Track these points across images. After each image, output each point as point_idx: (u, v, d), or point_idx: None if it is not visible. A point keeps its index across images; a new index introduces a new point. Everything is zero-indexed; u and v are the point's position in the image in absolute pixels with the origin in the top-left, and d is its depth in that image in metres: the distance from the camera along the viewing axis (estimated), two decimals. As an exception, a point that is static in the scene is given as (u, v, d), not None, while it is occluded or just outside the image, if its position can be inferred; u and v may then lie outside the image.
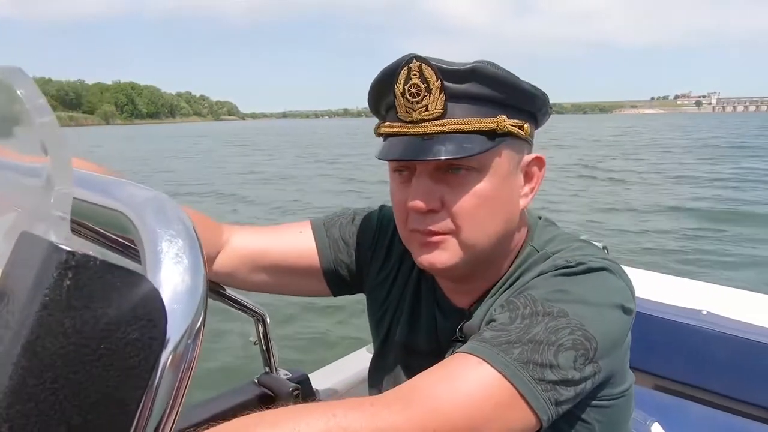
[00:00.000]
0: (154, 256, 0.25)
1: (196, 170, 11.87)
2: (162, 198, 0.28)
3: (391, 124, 0.65)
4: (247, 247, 0.81)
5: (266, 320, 1.04)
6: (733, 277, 5.06)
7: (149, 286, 0.20)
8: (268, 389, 1.03)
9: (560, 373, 0.53)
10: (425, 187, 0.62)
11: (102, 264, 0.18)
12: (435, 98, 0.60)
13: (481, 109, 0.61)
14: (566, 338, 0.54)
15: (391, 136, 0.66)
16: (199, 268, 0.26)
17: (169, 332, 0.22)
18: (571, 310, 0.56)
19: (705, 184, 11.51)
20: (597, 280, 0.60)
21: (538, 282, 0.61)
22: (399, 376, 0.78)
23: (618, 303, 0.60)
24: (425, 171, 0.63)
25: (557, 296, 0.58)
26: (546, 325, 0.55)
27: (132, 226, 0.27)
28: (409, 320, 0.78)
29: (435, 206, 0.62)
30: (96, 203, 0.29)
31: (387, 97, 0.65)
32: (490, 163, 0.62)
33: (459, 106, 0.61)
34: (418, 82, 0.60)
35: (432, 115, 0.61)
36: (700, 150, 21.90)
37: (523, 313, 0.57)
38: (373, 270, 0.83)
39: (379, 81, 0.65)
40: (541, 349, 0.53)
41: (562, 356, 0.53)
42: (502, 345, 0.54)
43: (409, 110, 0.62)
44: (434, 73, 0.60)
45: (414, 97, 0.61)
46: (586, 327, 0.55)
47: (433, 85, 0.60)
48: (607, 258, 0.64)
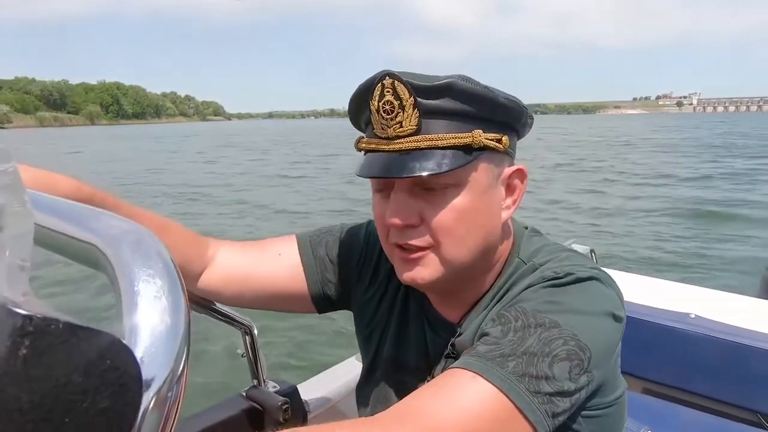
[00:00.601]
0: (130, 295, 0.23)
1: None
2: (139, 230, 0.26)
3: (369, 140, 0.65)
4: (233, 265, 0.80)
5: (254, 332, 1.02)
6: (714, 275, 5.16)
7: (120, 345, 0.18)
8: (256, 403, 1.01)
9: (556, 384, 0.53)
10: (403, 203, 0.62)
11: (65, 326, 0.16)
12: (408, 115, 0.60)
13: (455, 124, 0.61)
14: (560, 349, 0.54)
15: (369, 152, 0.65)
16: (180, 307, 0.24)
17: (145, 392, 0.20)
18: (562, 320, 0.55)
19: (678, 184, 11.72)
20: (586, 289, 0.60)
21: (528, 294, 0.61)
22: (389, 393, 0.77)
23: (608, 311, 0.59)
24: (403, 187, 0.62)
25: (548, 307, 0.57)
26: (539, 337, 0.54)
27: (106, 260, 0.25)
28: (398, 337, 0.77)
29: (413, 222, 0.62)
30: (64, 233, 0.27)
31: (364, 113, 0.65)
32: (467, 177, 0.62)
33: (433, 121, 0.60)
34: (391, 99, 0.60)
35: (406, 131, 0.60)
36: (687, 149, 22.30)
37: (515, 326, 0.56)
38: (360, 288, 0.82)
39: (356, 97, 0.65)
40: (535, 361, 0.53)
41: (557, 367, 0.53)
42: (496, 359, 0.53)
43: (384, 127, 0.61)
44: (407, 90, 0.59)
45: (388, 114, 0.60)
46: (578, 336, 0.55)
47: (407, 101, 0.60)
48: (595, 267, 0.64)
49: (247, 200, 10.30)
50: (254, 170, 16.25)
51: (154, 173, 15.59)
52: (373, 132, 0.64)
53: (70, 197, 0.58)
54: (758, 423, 1.24)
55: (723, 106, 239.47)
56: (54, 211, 0.28)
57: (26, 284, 0.17)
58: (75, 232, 0.27)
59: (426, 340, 0.74)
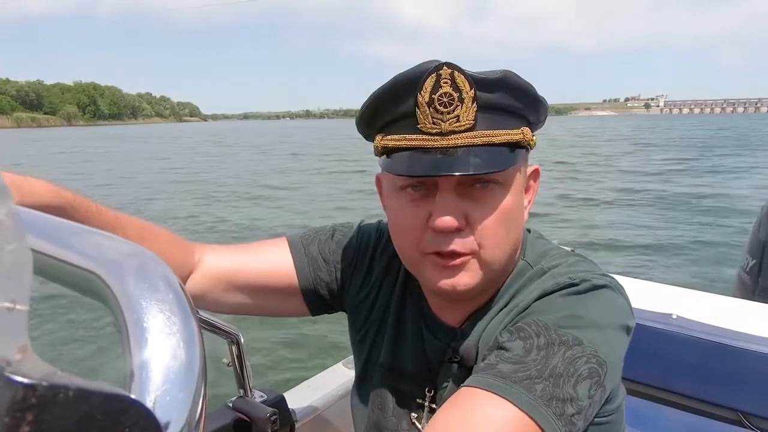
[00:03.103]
0: (138, 330, 0.21)
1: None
2: (141, 252, 0.23)
3: (408, 137, 0.59)
4: (221, 266, 0.76)
5: (240, 341, 0.98)
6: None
7: (139, 409, 0.15)
8: (243, 414, 0.98)
9: (578, 405, 0.52)
10: (451, 204, 0.58)
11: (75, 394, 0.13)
12: (467, 108, 0.56)
13: (506, 120, 0.59)
14: (583, 367, 0.53)
15: (401, 150, 0.60)
16: (194, 340, 0.21)
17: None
18: (584, 337, 0.55)
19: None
20: (603, 299, 0.59)
21: (546, 305, 0.59)
22: (385, 398, 0.74)
23: (624, 323, 0.59)
24: (449, 186, 0.59)
25: (570, 322, 0.56)
26: (563, 356, 0.53)
27: (106, 289, 0.22)
28: (393, 340, 0.75)
29: (462, 224, 0.59)
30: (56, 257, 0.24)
31: (400, 108, 0.60)
32: (513, 177, 0.61)
33: (487, 116, 0.58)
34: (450, 90, 0.56)
35: (463, 126, 0.57)
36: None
37: (538, 343, 0.54)
38: (353, 288, 0.79)
39: (393, 89, 0.59)
40: (561, 383, 0.52)
41: (581, 387, 0.52)
42: (523, 381, 0.51)
43: (437, 121, 0.57)
44: (467, 82, 0.56)
45: (445, 107, 0.56)
46: (598, 353, 0.55)
47: (467, 94, 0.56)
48: (606, 274, 0.63)
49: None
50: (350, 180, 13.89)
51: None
52: (414, 128, 0.59)
53: (49, 203, 0.54)
54: (739, 422, 1.27)
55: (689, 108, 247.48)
56: (42, 231, 0.25)
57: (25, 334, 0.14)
58: (67, 257, 0.24)
59: (424, 344, 0.72)
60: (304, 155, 23.50)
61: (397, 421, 0.73)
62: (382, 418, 0.74)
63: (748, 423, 1.25)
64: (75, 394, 0.13)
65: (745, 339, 1.25)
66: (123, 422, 0.14)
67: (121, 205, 9.59)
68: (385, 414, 0.74)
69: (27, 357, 0.13)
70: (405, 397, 0.73)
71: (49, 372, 0.13)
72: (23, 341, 0.14)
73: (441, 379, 0.70)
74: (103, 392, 0.14)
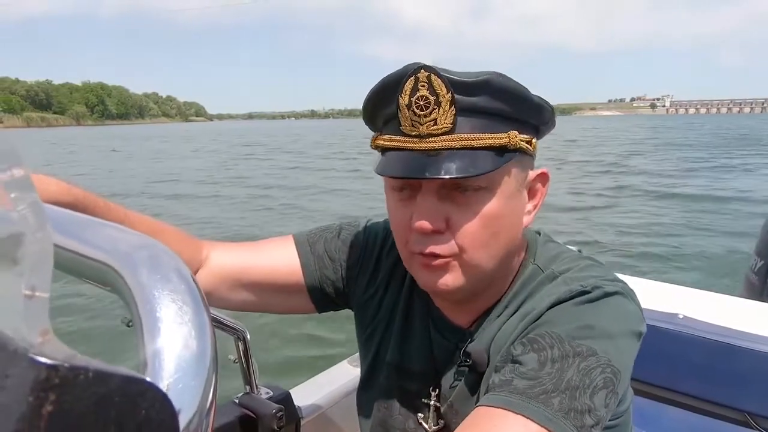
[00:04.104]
0: (151, 320, 0.21)
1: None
2: (153, 245, 0.24)
3: (392, 138, 0.60)
4: (228, 264, 0.77)
5: (246, 338, 0.99)
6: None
7: (155, 392, 0.16)
8: (249, 410, 0.98)
9: (596, 415, 0.52)
10: (430, 207, 0.59)
11: (95, 375, 0.13)
12: (444, 112, 0.56)
13: (491, 124, 0.58)
14: (598, 378, 0.53)
15: (390, 151, 0.61)
16: (205, 330, 0.22)
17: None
18: (599, 347, 0.55)
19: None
20: (615, 306, 0.59)
21: (559, 315, 0.59)
22: (391, 398, 0.74)
23: (635, 330, 0.59)
24: (431, 189, 0.59)
25: (583, 333, 0.56)
26: (578, 367, 0.53)
27: (120, 280, 0.23)
28: (401, 339, 0.75)
29: (440, 227, 0.59)
30: (71, 250, 0.24)
31: (387, 109, 0.61)
32: (499, 181, 0.59)
33: (468, 120, 0.57)
34: (426, 94, 0.56)
35: (440, 129, 0.57)
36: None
37: (552, 355, 0.54)
38: (360, 286, 0.79)
39: (380, 91, 0.60)
40: (578, 395, 0.52)
41: (597, 397, 0.53)
42: (539, 396, 0.51)
43: (416, 124, 0.57)
44: (444, 85, 0.55)
45: (422, 110, 0.56)
46: (612, 362, 0.54)
47: (443, 97, 0.56)
48: (617, 279, 0.63)
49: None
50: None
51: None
52: (399, 129, 0.59)
53: (60, 200, 0.55)
54: (745, 422, 1.26)
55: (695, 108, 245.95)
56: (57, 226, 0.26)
57: (46, 320, 0.15)
58: (83, 250, 0.24)
59: (431, 344, 0.72)
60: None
61: (403, 420, 0.73)
62: (389, 417, 0.74)
63: (755, 424, 1.24)
64: (95, 376, 0.13)
65: (752, 339, 1.25)
66: (140, 404, 0.15)
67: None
68: (391, 413, 0.74)
69: (48, 340, 0.14)
70: (411, 397, 0.73)
71: (70, 354, 0.13)
72: (45, 325, 0.14)
73: (448, 380, 0.70)
74: (121, 375, 0.14)
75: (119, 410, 0.14)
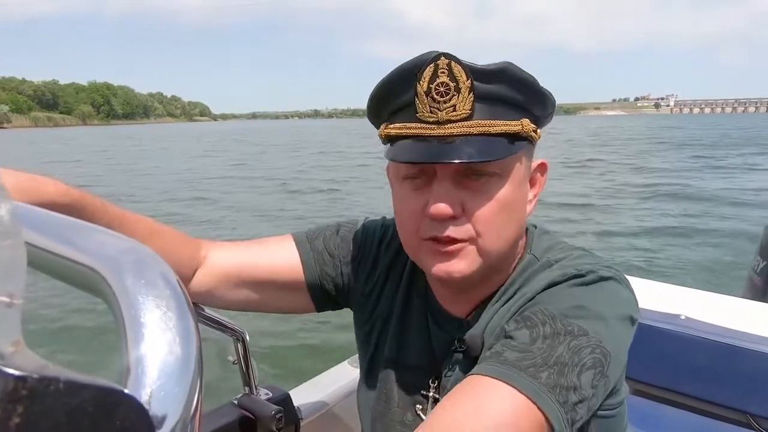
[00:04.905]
0: (135, 325, 0.21)
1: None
2: (139, 249, 0.23)
3: (406, 125, 0.61)
4: (226, 263, 0.77)
5: (245, 339, 0.99)
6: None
7: (132, 403, 0.15)
8: (248, 412, 0.98)
9: (581, 393, 0.53)
10: (447, 192, 0.59)
11: (66, 386, 0.13)
12: (464, 98, 0.57)
13: (505, 112, 0.59)
14: (588, 357, 0.54)
15: (402, 139, 0.62)
16: (190, 333, 0.22)
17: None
18: (590, 327, 0.55)
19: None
20: (608, 290, 0.60)
21: (552, 295, 0.60)
22: (391, 391, 0.75)
23: (628, 314, 0.60)
24: (446, 175, 0.60)
25: (576, 312, 0.57)
26: (568, 345, 0.54)
27: (104, 284, 0.22)
28: (399, 334, 0.75)
29: (457, 212, 0.60)
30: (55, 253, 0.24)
31: (401, 98, 0.61)
32: (511, 168, 0.61)
33: (485, 107, 0.59)
34: (447, 80, 0.57)
35: (459, 115, 0.58)
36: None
37: (544, 331, 0.55)
38: (359, 283, 0.80)
39: (394, 79, 0.61)
40: (566, 371, 0.52)
41: (584, 376, 0.53)
42: (528, 369, 0.52)
43: (434, 110, 0.58)
44: (464, 72, 0.57)
45: (441, 97, 0.57)
46: (603, 344, 0.55)
47: (463, 84, 0.57)
48: (612, 266, 0.64)
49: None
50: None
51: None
52: (414, 117, 0.60)
53: (57, 201, 0.55)
54: (747, 424, 1.25)
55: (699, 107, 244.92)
56: (41, 227, 0.25)
57: (17, 328, 0.14)
58: (67, 253, 0.24)
59: (430, 336, 0.73)
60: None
61: (402, 412, 0.73)
62: (387, 409, 0.75)
63: (757, 425, 1.24)
64: (66, 387, 0.13)
65: (754, 340, 1.24)
66: (115, 416, 0.14)
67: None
68: (389, 406, 0.74)
69: (19, 351, 0.14)
70: (410, 389, 0.73)
71: (41, 365, 0.13)
72: (16, 335, 0.14)
73: (445, 369, 0.70)
74: (95, 385, 0.14)
75: (93, 422, 0.14)
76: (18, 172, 0.54)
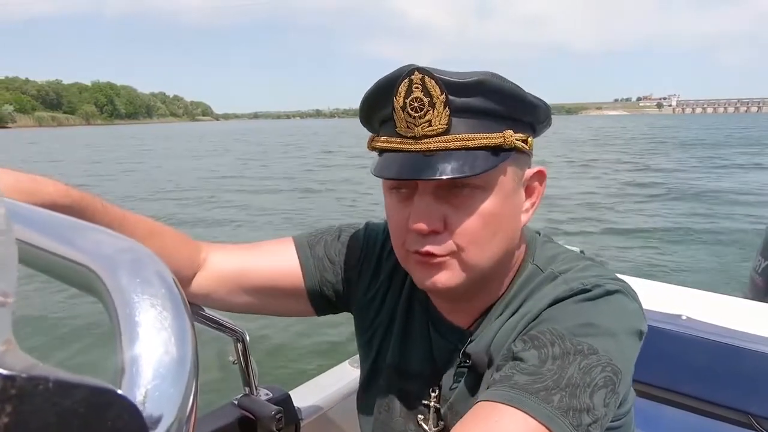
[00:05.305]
0: (130, 324, 0.21)
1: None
2: (136, 248, 0.23)
3: (388, 139, 0.61)
4: (227, 266, 0.77)
5: (245, 339, 0.99)
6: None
7: (124, 403, 0.15)
8: (248, 412, 0.98)
9: (594, 414, 0.52)
10: (427, 207, 0.59)
11: (56, 386, 0.13)
12: (439, 113, 0.56)
13: (486, 124, 0.58)
14: (599, 377, 0.53)
15: (387, 152, 0.61)
16: (186, 336, 0.21)
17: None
18: (600, 345, 0.54)
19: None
20: (616, 304, 0.59)
21: (559, 312, 0.59)
22: (392, 400, 0.74)
23: (636, 329, 0.59)
24: (427, 190, 0.59)
25: (584, 330, 0.56)
26: (579, 365, 0.53)
27: (100, 284, 0.22)
28: (401, 341, 0.75)
29: (437, 227, 0.59)
30: (50, 251, 0.24)
31: (382, 111, 0.61)
32: (496, 180, 0.59)
33: (463, 120, 0.57)
34: (420, 95, 0.56)
35: (435, 130, 0.57)
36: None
37: (553, 352, 0.54)
38: (360, 289, 0.79)
39: (375, 93, 0.61)
40: (578, 393, 0.52)
41: (596, 396, 0.52)
42: (540, 393, 0.51)
43: (411, 125, 0.58)
44: (438, 87, 0.56)
45: (416, 112, 0.57)
46: (613, 361, 0.54)
47: (437, 99, 0.56)
48: (617, 278, 0.63)
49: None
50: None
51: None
52: (394, 131, 0.60)
53: (57, 202, 0.55)
54: (749, 424, 1.25)
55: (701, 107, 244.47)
56: (37, 226, 0.25)
57: (8, 327, 0.14)
58: (63, 251, 0.24)
59: (431, 346, 0.72)
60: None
61: (404, 422, 0.73)
62: (389, 419, 0.74)
63: (759, 426, 1.23)
64: (56, 386, 0.13)
65: (756, 341, 1.23)
66: (106, 416, 0.14)
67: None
68: (391, 415, 0.74)
69: (10, 350, 0.13)
70: (412, 399, 0.73)
71: (30, 364, 0.13)
72: (6, 334, 0.14)
73: (448, 381, 0.70)
74: (86, 385, 0.14)
75: (84, 422, 0.14)
76: (18, 173, 0.53)
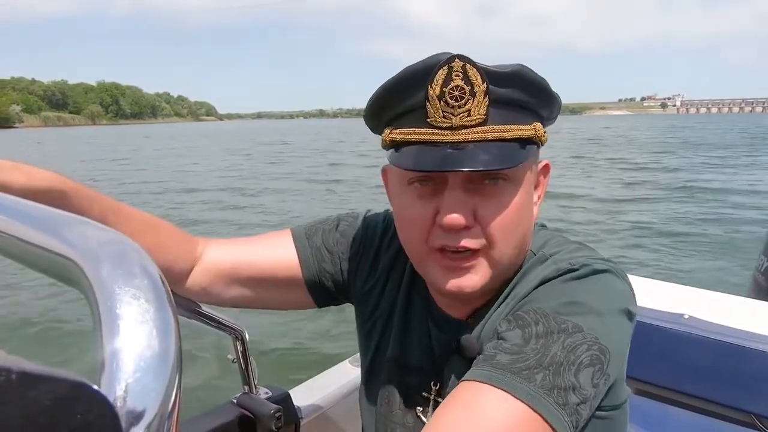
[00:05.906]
0: (111, 317, 0.20)
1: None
2: (122, 241, 0.23)
3: (417, 131, 0.58)
4: (224, 260, 0.76)
5: (245, 337, 0.98)
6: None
7: (94, 395, 0.15)
8: (247, 411, 0.98)
9: (581, 393, 0.51)
10: (459, 200, 0.57)
11: (19, 377, 0.12)
12: (479, 103, 0.55)
13: (518, 116, 0.57)
14: (584, 355, 0.52)
15: (409, 144, 0.59)
16: (169, 326, 0.21)
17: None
18: (585, 323, 0.53)
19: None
20: (603, 283, 0.58)
21: (545, 292, 0.58)
22: (392, 394, 0.74)
23: (624, 308, 0.58)
24: (457, 183, 0.57)
25: (569, 309, 0.54)
26: (563, 344, 0.52)
27: (82, 276, 0.22)
28: (401, 334, 0.74)
29: (470, 221, 0.57)
30: (32, 243, 0.24)
31: (409, 101, 0.58)
32: (523, 173, 0.59)
33: (499, 111, 0.56)
34: (461, 84, 0.54)
35: (474, 121, 0.55)
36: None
37: (537, 331, 0.53)
38: (359, 279, 0.78)
39: (404, 81, 0.58)
40: (562, 371, 0.50)
41: (582, 375, 0.51)
42: (522, 372, 0.50)
43: (448, 115, 0.56)
44: (480, 75, 0.54)
45: (456, 101, 0.55)
46: (600, 340, 0.53)
47: (479, 88, 0.55)
48: (608, 259, 0.62)
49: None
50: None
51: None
52: (424, 121, 0.57)
53: (52, 187, 0.55)
54: (752, 424, 1.24)
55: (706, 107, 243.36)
56: (20, 216, 0.25)
57: None
58: (45, 242, 0.23)
59: (431, 339, 0.71)
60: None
61: (403, 414, 0.73)
62: (389, 412, 0.74)
63: (761, 425, 1.22)
64: (19, 378, 0.12)
65: (758, 340, 1.22)
66: (75, 408, 0.14)
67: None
68: (391, 408, 0.74)
69: None
70: (412, 392, 0.72)
71: None
72: None
73: (448, 373, 0.69)
74: (53, 377, 0.13)
75: (50, 415, 0.13)
76: (15, 162, 0.55)
